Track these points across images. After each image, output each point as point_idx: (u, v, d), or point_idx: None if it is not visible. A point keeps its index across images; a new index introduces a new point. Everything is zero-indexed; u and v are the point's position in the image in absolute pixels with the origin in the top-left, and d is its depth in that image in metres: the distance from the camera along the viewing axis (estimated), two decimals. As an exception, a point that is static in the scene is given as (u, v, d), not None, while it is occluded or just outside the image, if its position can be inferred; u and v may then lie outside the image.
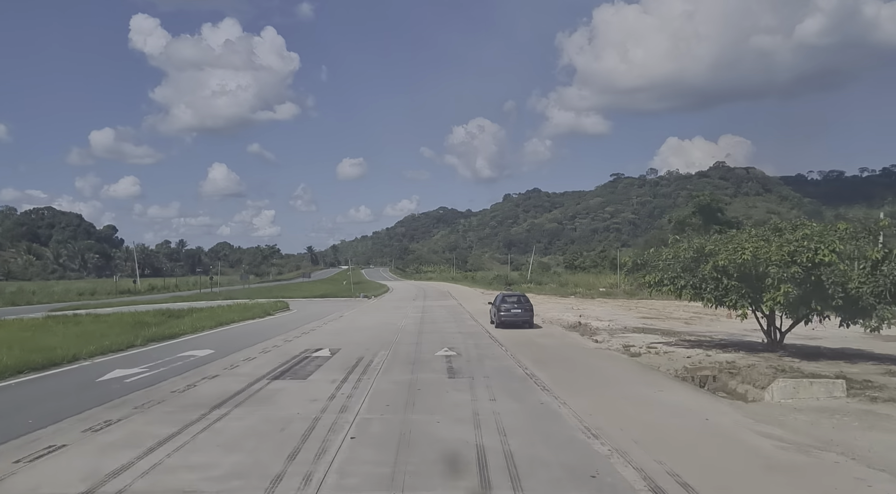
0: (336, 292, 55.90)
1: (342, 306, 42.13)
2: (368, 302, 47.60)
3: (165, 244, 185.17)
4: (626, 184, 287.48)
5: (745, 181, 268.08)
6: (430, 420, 9.17)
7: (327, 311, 35.48)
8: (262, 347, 18.88)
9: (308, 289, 72.94)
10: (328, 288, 77.34)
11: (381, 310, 37.47)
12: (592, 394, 11.25)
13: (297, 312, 35.86)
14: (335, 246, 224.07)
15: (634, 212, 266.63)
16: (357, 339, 20.95)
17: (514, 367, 14.77)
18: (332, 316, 32.33)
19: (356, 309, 39.16)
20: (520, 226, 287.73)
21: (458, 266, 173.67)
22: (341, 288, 69.92)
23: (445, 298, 50.77)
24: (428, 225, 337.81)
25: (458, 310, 36.44)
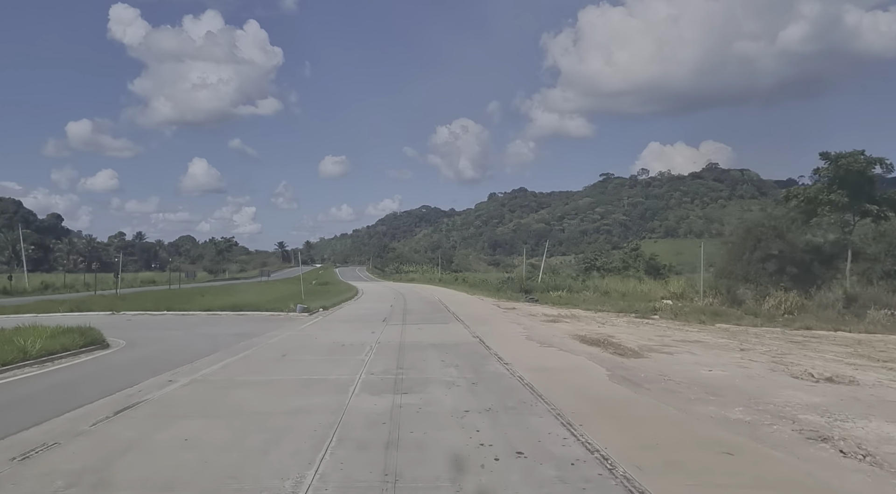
0: (262, 304, 31.78)
1: (243, 332, 22.21)
2: (304, 323, 24.44)
3: (119, 236, 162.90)
4: (617, 184, 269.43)
5: (739, 183, 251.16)
6: None
7: (181, 357, 15.10)
8: None
9: (242, 294, 52.60)
10: (276, 291, 56.88)
11: (303, 354, 15.30)
12: None
13: (107, 358, 15.01)
14: (309, 242, 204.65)
15: (626, 214, 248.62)
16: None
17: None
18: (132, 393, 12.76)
19: (253, 349, 15.98)
20: (505, 226, 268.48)
21: (442, 266, 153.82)
22: (285, 295, 49.68)
23: (438, 313, 28.64)
24: (410, 223, 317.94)
25: (499, 373, 11.96)
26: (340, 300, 42.33)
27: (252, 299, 39.95)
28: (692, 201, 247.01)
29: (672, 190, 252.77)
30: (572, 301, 36.31)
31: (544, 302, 35.75)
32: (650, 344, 16.33)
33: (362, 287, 76.96)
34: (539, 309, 30.80)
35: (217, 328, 21.54)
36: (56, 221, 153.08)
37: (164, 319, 26.20)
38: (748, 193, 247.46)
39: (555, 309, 30.93)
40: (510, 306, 32.31)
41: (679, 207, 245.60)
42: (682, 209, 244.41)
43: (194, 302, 37.25)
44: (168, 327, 22.33)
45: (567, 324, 21.91)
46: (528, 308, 31.66)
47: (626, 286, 45.23)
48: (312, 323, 23.73)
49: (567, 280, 51.93)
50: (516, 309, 30.52)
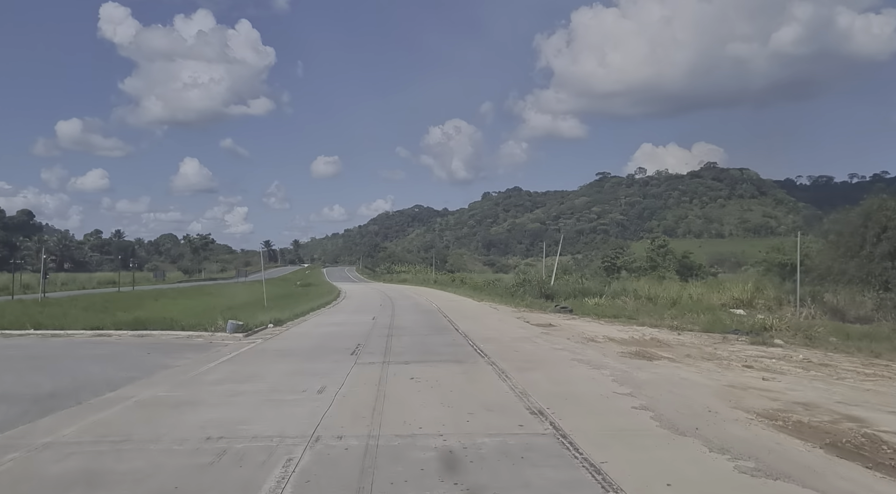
0: (187, 319, 20.27)
1: (59, 388, 12.55)
2: (214, 359, 13.43)
3: (95, 234, 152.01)
4: (614, 183, 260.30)
5: (739, 183, 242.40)
6: None
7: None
8: None
9: (190, 299, 42.91)
10: (235, 296, 46.98)
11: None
12: None
13: None
14: (298, 242, 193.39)
15: (623, 213, 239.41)
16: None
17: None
18: None
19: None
20: (500, 226, 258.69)
21: (436, 266, 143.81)
22: (242, 302, 39.95)
23: (443, 335, 17.92)
24: (403, 223, 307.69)
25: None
26: (310, 308, 32.22)
27: (183, 308, 29.90)
28: (691, 201, 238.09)
29: (670, 189, 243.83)
30: (617, 311, 26.37)
31: (583, 314, 25.79)
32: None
33: (347, 289, 66.84)
34: (588, 326, 20.75)
35: (27, 374, 11.42)
36: (26, 218, 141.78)
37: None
38: (748, 193, 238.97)
39: (611, 326, 20.92)
40: (543, 321, 22.18)
41: (677, 207, 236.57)
42: (681, 208, 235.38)
43: (105, 316, 27.05)
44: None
45: (688, 370, 11.92)
46: (569, 324, 21.63)
47: (670, 290, 35.30)
48: (228, 359, 13.59)
49: (593, 282, 41.68)
50: (555, 326, 20.46)
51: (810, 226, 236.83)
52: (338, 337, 18.01)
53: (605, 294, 34.27)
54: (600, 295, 33.56)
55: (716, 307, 28.75)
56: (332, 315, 28.85)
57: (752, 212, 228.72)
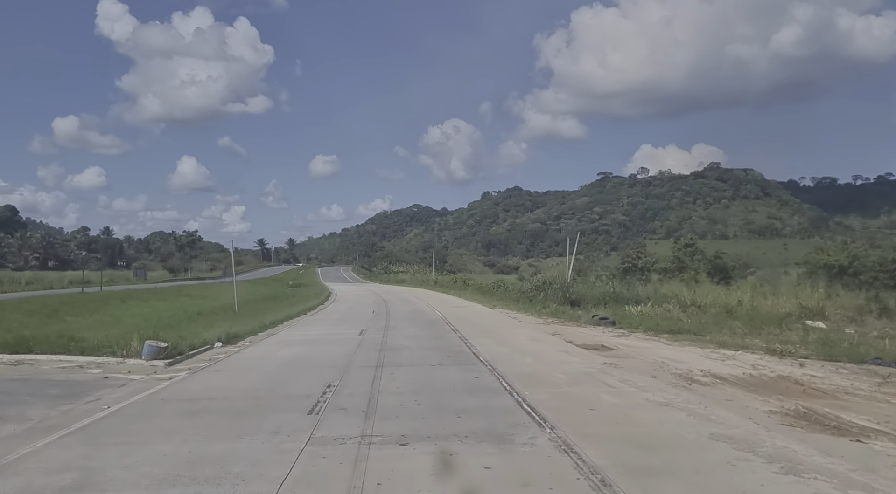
0: (100, 337, 14.34)
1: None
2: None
3: (82, 231, 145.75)
4: (616, 183, 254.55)
5: (743, 183, 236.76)
6: None
7: None
8: None
9: (144, 304, 37.07)
10: (205, 300, 41.30)
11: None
12: None
13: None
14: (293, 240, 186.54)
15: (625, 214, 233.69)
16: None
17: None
18: None
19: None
20: (500, 226, 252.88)
21: (435, 266, 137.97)
22: (209, 308, 34.34)
23: (462, 371, 11.25)
24: (401, 223, 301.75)
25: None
26: (286, 316, 26.22)
27: (148, 313, 24.06)
28: (694, 201, 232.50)
29: (673, 189, 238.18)
30: (671, 323, 20.40)
31: (630, 327, 19.85)
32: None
33: (339, 291, 60.88)
34: (659, 350, 14.66)
35: None
36: (10, 214, 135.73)
37: None
38: (752, 193, 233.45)
39: (691, 350, 14.90)
40: (589, 340, 16.09)
41: (681, 207, 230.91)
42: (685, 209, 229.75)
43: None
44: None
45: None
46: (627, 345, 15.59)
47: (716, 295, 29.28)
48: (81, 428, 7.64)
49: (618, 285, 35.55)
50: (613, 350, 14.32)
51: (816, 229, 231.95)
52: (302, 370, 12.01)
53: (641, 300, 28.31)
54: (637, 302, 27.60)
55: (781, 317, 22.85)
56: (310, 326, 22.82)
57: (756, 214, 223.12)
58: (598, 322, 21.18)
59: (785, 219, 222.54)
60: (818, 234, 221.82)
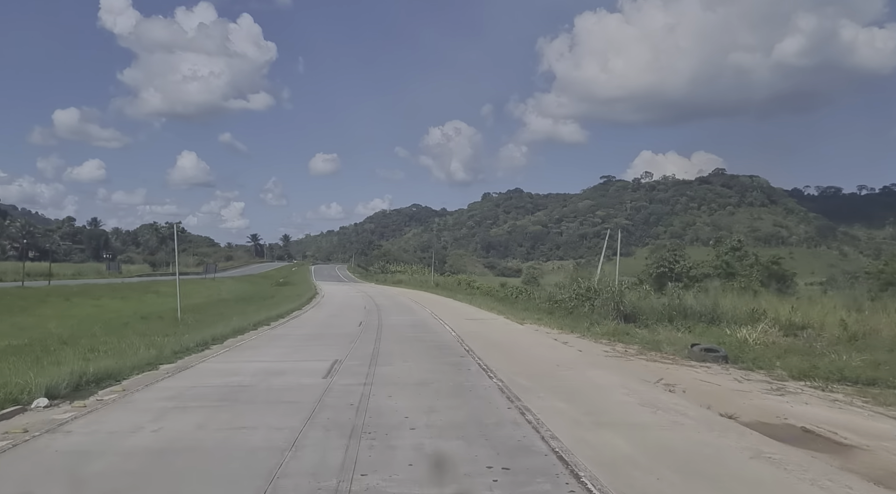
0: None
1: None
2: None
3: (67, 222, 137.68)
4: (619, 187, 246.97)
5: (749, 190, 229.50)
6: None
7: None
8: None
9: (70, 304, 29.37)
10: (155, 301, 33.78)
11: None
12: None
13: None
14: (287, 236, 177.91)
15: (628, 218, 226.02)
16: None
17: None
18: None
19: None
20: (500, 228, 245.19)
21: (435, 267, 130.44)
22: (153, 311, 26.64)
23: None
24: (400, 222, 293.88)
25: None
26: (233, 330, 18.38)
27: (86, 315, 16.94)
28: (699, 207, 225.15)
29: (678, 195, 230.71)
30: (821, 362, 12.78)
31: (761, 366, 12.26)
32: None
33: (328, 291, 53.26)
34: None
35: None
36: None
37: None
38: (758, 201, 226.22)
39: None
40: (768, 414, 8.49)
41: (685, 213, 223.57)
42: (689, 215, 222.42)
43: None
44: None
45: None
46: (842, 423, 7.82)
47: (805, 312, 21.54)
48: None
49: (695, 298, 27.33)
50: (852, 451, 6.60)
51: (823, 238, 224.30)
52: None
53: (721, 317, 20.74)
54: (715, 320, 20.05)
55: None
56: (259, 349, 14.99)
57: (762, 221, 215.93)
58: (702, 355, 13.50)
59: (791, 227, 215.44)
60: (825, 244, 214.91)
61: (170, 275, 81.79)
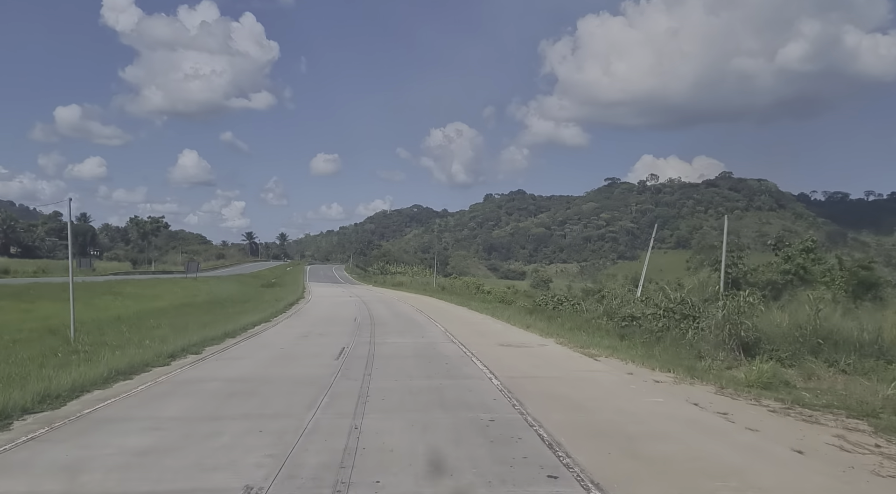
0: None
1: None
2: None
3: (54, 217, 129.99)
4: (623, 189, 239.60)
5: (757, 194, 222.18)
6: None
7: None
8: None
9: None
10: (141, 300, 25.99)
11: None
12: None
13: None
14: (284, 235, 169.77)
15: (633, 221, 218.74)
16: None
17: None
18: None
19: None
20: (502, 230, 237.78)
21: (432, 265, 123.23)
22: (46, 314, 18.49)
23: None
24: (400, 223, 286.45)
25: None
26: (159, 356, 10.76)
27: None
28: (706, 210, 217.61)
29: (684, 198, 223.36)
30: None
31: None
32: None
33: (317, 295, 45.88)
34: None
35: None
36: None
37: None
38: (766, 205, 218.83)
39: None
40: None
41: (692, 216, 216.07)
42: (695, 218, 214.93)
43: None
44: None
45: None
46: None
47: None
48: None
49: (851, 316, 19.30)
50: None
51: (834, 244, 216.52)
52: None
53: (884, 349, 13.45)
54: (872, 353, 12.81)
55: None
56: (184, 395, 7.48)
57: (771, 226, 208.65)
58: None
59: (800, 232, 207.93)
60: (835, 250, 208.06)
61: (149, 274, 74.49)
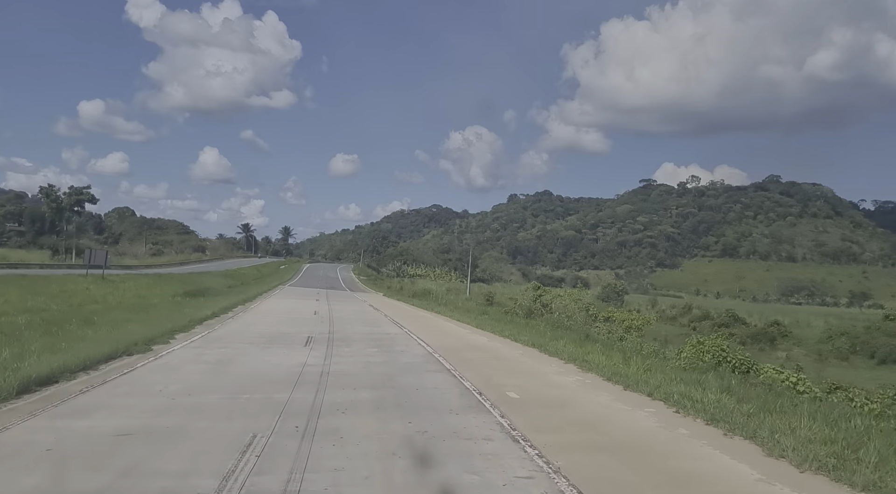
0: None
1: None
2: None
3: (15, 198, 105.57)
4: (662, 191, 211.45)
5: (811, 199, 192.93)
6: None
7: None
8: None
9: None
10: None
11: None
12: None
13: None
14: (287, 228, 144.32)
15: (674, 226, 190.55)
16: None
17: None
18: None
19: None
20: (528, 232, 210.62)
21: (459, 269, 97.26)
22: None
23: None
24: (419, 223, 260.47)
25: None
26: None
27: None
28: (755, 216, 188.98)
29: (730, 202, 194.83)
30: None
31: None
32: None
33: (273, 319, 19.38)
34: None
35: None
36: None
37: None
38: (822, 212, 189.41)
39: None
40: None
41: (739, 222, 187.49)
42: (743, 225, 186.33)
43: None
44: None
45: None
46: None
47: None
48: None
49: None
50: None
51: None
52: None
53: None
54: None
55: None
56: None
57: (828, 235, 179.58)
58: None
59: (863, 242, 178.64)
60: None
61: (64, 269, 49.08)
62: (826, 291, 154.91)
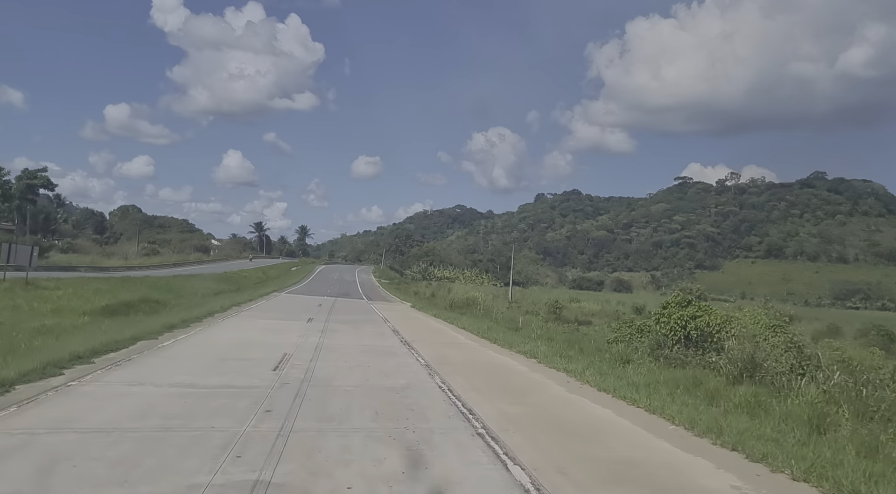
0: None
1: None
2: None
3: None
4: (699, 189, 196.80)
5: (863, 196, 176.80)
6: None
7: None
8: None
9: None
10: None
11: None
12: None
13: None
14: (304, 227, 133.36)
15: (714, 225, 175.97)
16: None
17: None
18: None
19: None
20: (556, 232, 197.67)
21: (491, 270, 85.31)
22: None
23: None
24: (442, 224, 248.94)
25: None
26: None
27: None
28: (801, 215, 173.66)
29: (774, 199, 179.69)
30: None
31: None
32: None
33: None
34: None
35: None
36: None
37: None
38: (874, 210, 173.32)
39: None
40: None
41: (784, 221, 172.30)
42: (789, 224, 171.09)
43: None
44: None
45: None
46: None
47: None
48: None
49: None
50: None
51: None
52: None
53: None
54: None
55: None
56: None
57: (882, 234, 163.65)
58: None
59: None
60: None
61: (64, 270, 37.99)
62: (883, 294, 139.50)
